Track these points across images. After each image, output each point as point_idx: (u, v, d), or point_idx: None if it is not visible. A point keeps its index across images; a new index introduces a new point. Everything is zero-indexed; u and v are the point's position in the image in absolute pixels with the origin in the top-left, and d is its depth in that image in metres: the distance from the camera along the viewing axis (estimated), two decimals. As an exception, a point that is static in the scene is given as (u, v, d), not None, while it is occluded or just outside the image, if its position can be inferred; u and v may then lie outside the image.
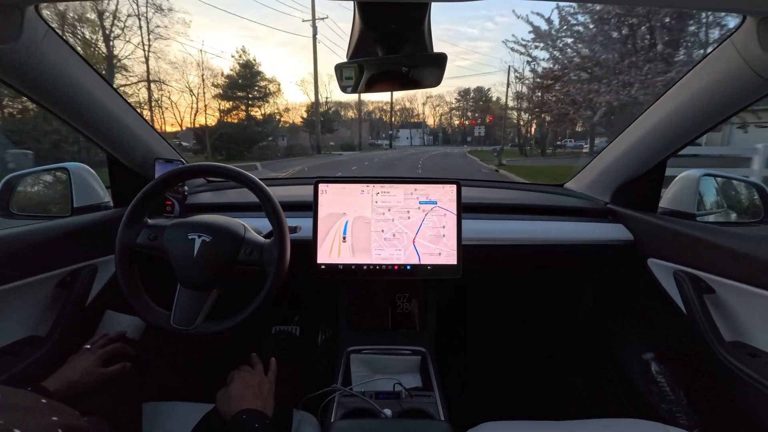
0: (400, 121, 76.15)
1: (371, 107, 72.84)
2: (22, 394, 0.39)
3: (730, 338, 0.82)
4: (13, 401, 0.37)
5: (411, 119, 78.06)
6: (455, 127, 76.34)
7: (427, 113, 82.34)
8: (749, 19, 0.65)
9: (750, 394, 0.73)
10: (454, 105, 77.95)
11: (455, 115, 78.62)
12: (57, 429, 0.36)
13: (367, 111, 65.56)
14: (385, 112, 74.84)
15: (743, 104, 0.78)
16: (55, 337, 0.82)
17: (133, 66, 19.17)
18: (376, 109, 74.33)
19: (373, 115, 71.87)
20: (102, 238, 0.94)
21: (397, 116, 75.96)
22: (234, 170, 0.79)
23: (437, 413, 0.87)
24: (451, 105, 78.90)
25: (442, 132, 73.51)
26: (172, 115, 31.53)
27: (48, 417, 0.37)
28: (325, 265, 0.96)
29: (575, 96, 10.13)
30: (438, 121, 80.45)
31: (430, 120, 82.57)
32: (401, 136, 67.54)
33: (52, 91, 0.80)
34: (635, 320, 1.22)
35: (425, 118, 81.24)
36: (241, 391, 0.72)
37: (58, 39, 0.75)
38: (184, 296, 0.76)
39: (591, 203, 1.26)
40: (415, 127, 72.44)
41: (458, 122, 76.00)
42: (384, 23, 0.64)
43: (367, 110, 65.64)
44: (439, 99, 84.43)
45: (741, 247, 0.78)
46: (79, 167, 1.05)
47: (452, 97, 77.98)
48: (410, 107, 79.48)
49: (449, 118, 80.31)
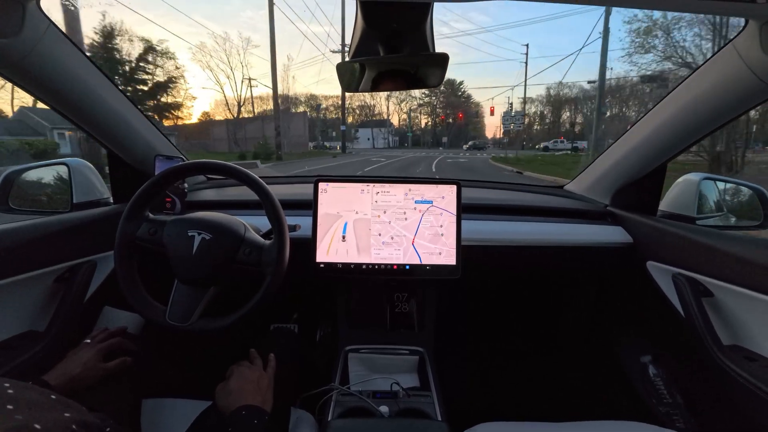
0: (359, 119, 66.06)
1: (328, 102, 61.51)
2: (33, 389, 0.39)
3: (728, 342, 0.83)
4: (27, 397, 0.36)
5: (373, 117, 66.70)
6: (425, 126, 68.13)
7: (392, 110, 70.19)
8: (751, 23, 0.65)
9: (747, 397, 0.73)
10: (423, 101, 68.03)
11: (424, 112, 69.43)
12: (71, 425, 0.35)
13: (318, 104, 55.59)
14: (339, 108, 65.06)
15: (745, 108, 0.78)
16: (54, 332, 0.82)
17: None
18: (331, 106, 62.38)
19: (326, 112, 60.54)
20: (101, 234, 0.94)
21: (356, 114, 67.25)
22: (234, 168, 0.79)
23: (435, 413, 0.87)
24: (420, 100, 69.00)
25: (410, 131, 61.53)
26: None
27: (61, 413, 0.37)
28: (324, 264, 0.96)
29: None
30: (406, 119, 67.83)
31: (395, 118, 71.09)
32: (361, 136, 57.94)
33: (54, 86, 0.80)
34: (634, 322, 1.22)
35: (390, 115, 69.66)
36: (241, 385, 0.72)
37: (60, 34, 0.75)
38: (181, 292, 0.76)
39: (591, 205, 1.26)
40: (378, 125, 61.33)
41: (427, 120, 66.95)
42: (386, 23, 0.64)
43: (319, 104, 56.06)
44: (405, 93, 67.16)
45: (740, 251, 0.79)
46: (79, 163, 1.05)
47: (420, 92, 69.11)
48: (372, 103, 67.37)
49: (417, 116, 70.04)
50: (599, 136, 14.42)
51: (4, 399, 0.34)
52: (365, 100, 66.30)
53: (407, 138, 56.38)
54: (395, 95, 65.56)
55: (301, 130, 30.61)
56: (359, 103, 66.43)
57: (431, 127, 65.89)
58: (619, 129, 23.46)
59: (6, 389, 0.36)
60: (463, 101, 59.83)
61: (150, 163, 1.08)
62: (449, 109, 61.02)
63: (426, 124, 68.06)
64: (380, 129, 60.16)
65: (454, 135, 58.39)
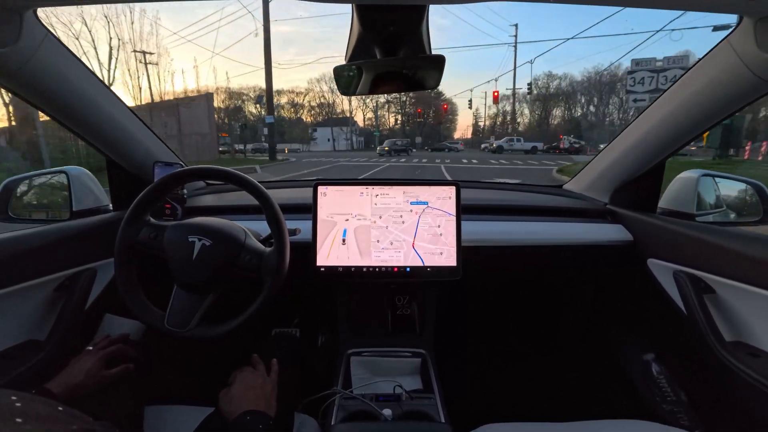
0: (318, 117, 56.79)
1: (283, 99, 54.69)
2: (39, 401, 0.39)
3: (731, 338, 0.82)
4: (35, 409, 0.36)
5: (334, 115, 56.06)
6: (395, 125, 58.40)
7: (355, 106, 58.88)
8: (746, 19, 0.65)
9: (751, 394, 0.73)
10: (391, 97, 53.09)
11: (392, 110, 59.50)
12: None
13: (260, 96, 45.63)
14: (298, 106, 54.32)
15: (741, 104, 0.78)
16: (54, 341, 0.82)
17: None
18: (287, 103, 56.11)
19: (281, 110, 53.12)
20: (101, 242, 0.94)
21: (315, 111, 57.40)
22: (234, 173, 0.79)
23: (438, 415, 0.87)
24: (388, 96, 56.60)
25: (377, 131, 49.38)
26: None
27: (69, 424, 0.37)
28: (325, 267, 0.96)
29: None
30: (373, 118, 58.64)
31: (359, 116, 61.21)
32: (319, 136, 50.30)
33: (51, 95, 0.80)
34: (636, 321, 1.22)
35: (353, 112, 58.77)
36: (244, 391, 0.72)
37: (57, 43, 0.75)
38: (180, 298, 0.76)
39: (590, 204, 1.26)
40: (339, 124, 51.88)
41: (396, 118, 56.82)
42: (382, 25, 0.64)
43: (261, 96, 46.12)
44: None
45: (740, 247, 0.79)
46: (78, 171, 1.05)
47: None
48: (332, 100, 56.06)
49: (385, 114, 60.41)
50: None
51: (12, 412, 0.34)
52: (324, 95, 56.14)
53: (374, 138, 43.96)
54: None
55: (204, 126, 17.61)
56: (319, 100, 56.94)
57: (401, 125, 57.13)
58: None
59: (13, 402, 0.36)
60: (433, 98, 51.05)
61: (149, 170, 1.09)
62: (421, 105, 52.50)
63: (396, 121, 58.87)
64: (342, 128, 51.03)
65: (427, 135, 51.80)
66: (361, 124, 59.73)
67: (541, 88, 50.52)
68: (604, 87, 41.67)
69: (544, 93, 50.60)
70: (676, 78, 0.89)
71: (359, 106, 59.36)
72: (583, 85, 45.95)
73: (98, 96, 0.89)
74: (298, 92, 58.30)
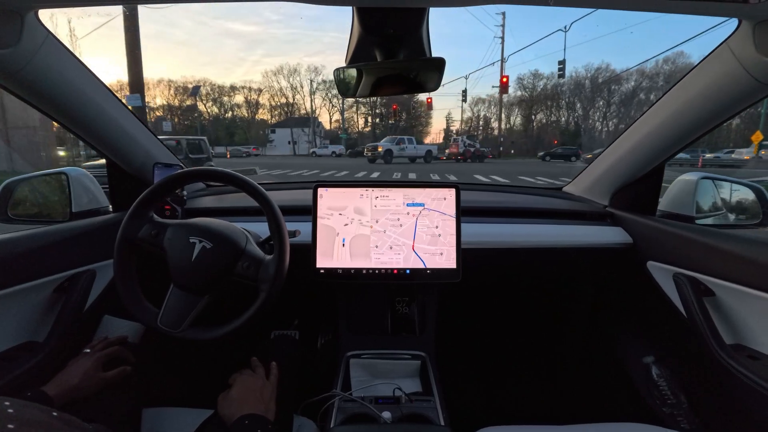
0: (277, 117, 50.20)
1: (238, 97, 48.82)
2: (33, 407, 0.38)
3: (731, 341, 0.82)
4: (28, 416, 0.36)
5: (294, 114, 49.14)
6: (364, 127, 52.08)
7: (319, 105, 52.03)
8: (744, 23, 0.65)
9: (751, 396, 0.73)
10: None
11: (362, 111, 52.42)
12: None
13: (197, 86, 42.75)
14: (253, 105, 47.23)
15: (740, 107, 0.79)
16: (53, 342, 0.81)
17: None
18: (245, 102, 49.43)
19: (236, 108, 47.03)
20: (101, 243, 0.94)
21: (274, 112, 51.21)
22: (234, 175, 0.79)
23: (437, 418, 0.86)
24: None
25: (344, 133, 42.77)
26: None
27: (62, 431, 0.37)
28: (324, 269, 0.96)
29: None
30: (340, 120, 51.68)
31: (325, 117, 53.99)
32: (277, 139, 44.71)
33: (52, 96, 0.80)
34: (636, 323, 1.22)
35: (316, 111, 51.30)
36: (244, 394, 0.71)
37: (58, 44, 0.75)
38: (176, 298, 0.76)
39: (590, 206, 1.26)
40: (300, 125, 45.06)
41: (365, 119, 50.20)
42: (382, 28, 0.65)
43: (198, 86, 43.74)
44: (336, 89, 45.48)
45: (740, 250, 0.79)
46: (78, 172, 1.06)
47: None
48: (293, 99, 50.22)
49: (353, 116, 53.76)
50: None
51: (4, 419, 0.34)
52: (285, 94, 49.66)
53: (341, 141, 38.79)
54: (323, 86, 50.27)
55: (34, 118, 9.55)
56: (279, 99, 50.34)
57: (371, 127, 51.11)
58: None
59: (6, 408, 0.35)
60: (407, 97, 43.94)
61: (149, 172, 1.09)
62: (396, 101, 43.47)
63: (366, 122, 52.85)
64: (303, 129, 44.53)
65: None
66: (327, 126, 53.27)
67: (527, 89, 47.94)
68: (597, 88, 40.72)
69: (529, 95, 48.00)
70: (676, 81, 0.89)
71: (324, 105, 52.77)
72: (570, 88, 44.00)
73: (99, 98, 0.89)
74: (253, 88, 52.63)
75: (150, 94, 42.88)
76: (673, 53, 38.38)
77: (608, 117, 41.99)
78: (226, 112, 50.59)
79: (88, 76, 0.86)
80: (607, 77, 40.89)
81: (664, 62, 37.86)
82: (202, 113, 47.59)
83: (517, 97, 48.68)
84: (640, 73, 39.12)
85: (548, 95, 47.15)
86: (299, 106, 51.99)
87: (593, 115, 43.16)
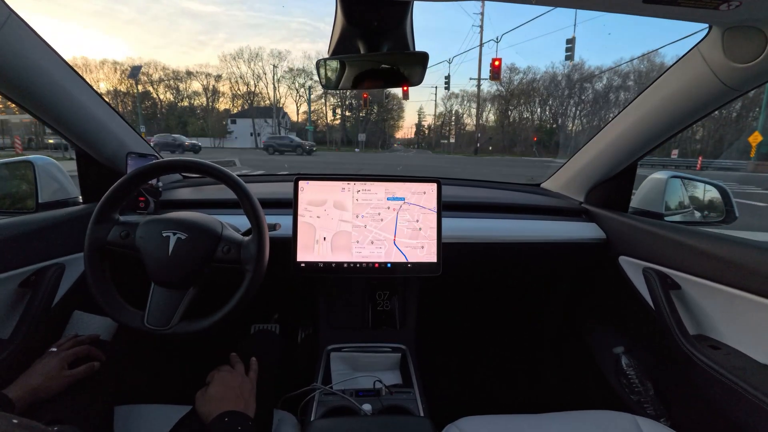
0: (241, 106, 45.38)
1: (194, 84, 43.96)
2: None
3: (694, 332, 0.87)
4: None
5: (258, 104, 44.76)
6: (333, 121, 49.23)
7: (283, 93, 47.37)
8: (714, 28, 0.68)
9: (712, 384, 0.77)
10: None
11: (331, 102, 48.92)
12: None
13: (138, 66, 38.10)
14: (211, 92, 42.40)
15: (708, 110, 0.82)
16: (18, 339, 0.78)
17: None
18: (202, 89, 43.91)
19: (193, 97, 42.51)
20: (70, 235, 0.90)
21: (236, 101, 46.20)
22: (211, 166, 0.77)
23: (417, 409, 0.88)
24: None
25: (311, 125, 39.23)
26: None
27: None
28: (305, 263, 0.96)
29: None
30: (306, 112, 44.60)
31: (292, 108, 50.44)
32: (238, 130, 41.01)
33: (15, 79, 0.75)
34: (608, 316, 1.27)
35: (281, 101, 46.86)
36: (222, 392, 0.70)
37: (22, 24, 0.71)
38: (159, 296, 0.74)
39: (566, 203, 1.29)
40: (264, 115, 41.31)
41: (333, 111, 47.40)
42: (366, 20, 0.64)
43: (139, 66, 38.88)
44: (304, 74, 45.77)
45: (705, 246, 0.83)
46: (45, 161, 1.00)
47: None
48: (254, 84, 45.24)
49: (322, 108, 49.58)
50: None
51: None
52: (247, 81, 44.71)
53: (307, 134, 36.14)
54: (291, 75, 47.28)
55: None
56: (243, 89, 44.89)
57: (341, 120, 49.03)
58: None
59: None
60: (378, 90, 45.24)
61: (121, 162, 1.04)
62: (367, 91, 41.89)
63: (335, 113, 50.29)
64: (267, 120, 40.86)
65: (371, 132, 45.34)
66: (294, 118, 49.26)
67: (503, 83, 45.46)
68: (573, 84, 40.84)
69: (505, 89, 46.09)
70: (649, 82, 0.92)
71: (289, 94, 48.45)
72: (545, 83, 43.06)
73: (67, 82, 0.85)
74: (211, 74, 46.82)
75: (93, 77, 39.13)
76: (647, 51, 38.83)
77: (581, 115, 42.19)
78: (182, 100, 45.88)
79: (56, 59, 0.81)
80: (584, 75, 41.33)
81: (639, 61, 38.64)
82: (155, 100, 43.44)
83: (492, 92, 47.76)
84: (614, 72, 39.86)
85: (524, 90, 46.21)
86: (263, 96, 46.92)
87: (570, 112, 43.45)
